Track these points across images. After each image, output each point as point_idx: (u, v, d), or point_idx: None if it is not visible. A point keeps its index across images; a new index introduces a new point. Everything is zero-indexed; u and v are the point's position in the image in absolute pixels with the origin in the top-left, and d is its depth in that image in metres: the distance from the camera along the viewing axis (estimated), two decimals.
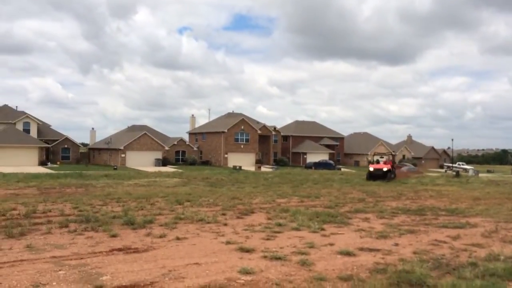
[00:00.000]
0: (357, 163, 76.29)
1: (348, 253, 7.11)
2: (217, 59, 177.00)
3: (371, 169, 30.81)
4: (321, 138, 77.28)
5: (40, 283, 5.29)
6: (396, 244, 8.03)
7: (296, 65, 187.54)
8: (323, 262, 6.60)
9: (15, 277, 5.52)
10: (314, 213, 11.62)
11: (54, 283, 5.31)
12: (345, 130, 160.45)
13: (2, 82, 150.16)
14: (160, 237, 8.26)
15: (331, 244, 7.86)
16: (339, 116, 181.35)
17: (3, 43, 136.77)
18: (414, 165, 67.30)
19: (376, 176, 29.30)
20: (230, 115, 73.15)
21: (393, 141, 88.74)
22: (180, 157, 64.61)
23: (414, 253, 7.32)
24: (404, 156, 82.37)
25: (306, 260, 6.55)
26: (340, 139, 79.81)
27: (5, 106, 61.15)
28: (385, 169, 30.10)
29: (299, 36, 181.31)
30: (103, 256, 6.78)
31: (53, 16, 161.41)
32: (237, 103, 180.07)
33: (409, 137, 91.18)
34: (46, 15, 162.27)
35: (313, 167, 58.82)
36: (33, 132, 57.09)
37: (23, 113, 59.04)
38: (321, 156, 70.23)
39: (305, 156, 71.40)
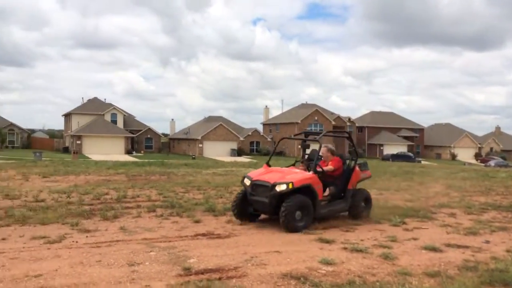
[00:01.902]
0: (438, 156, 72.55)
1: (434, 249, 6.82)
2: (290, 49, 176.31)
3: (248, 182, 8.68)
4: (399, 129, 74.41)
5: (134, 262, 5.71)
6: (487, 241, 7.55)
7: (373, 53, 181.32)
8: (407, 256, 6.40)
9: (112, 255, 6.00)
10: (394, 206, 11.26)
11: (147, 263, 5.69)
12: (425, 121, 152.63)
13: (91, 76, 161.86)
14: (240, 224, 8.50)
15: (415, 239, 7.59)
16: (418, 106, 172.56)
17: (91, 39, 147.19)
18: (504, 158, 62.55)
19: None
20: (303, 106, 72.79)
21: (480, 133, 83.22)
22: (255, 147, 65.59)
23: (508, 251, 6.85)
24: (491, 148, 76.87)
25: (389, 254, 6.39)
26: (420, 130, 76.28)
27: (95, 98, 65.91)
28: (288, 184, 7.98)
29: (376, 23, 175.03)
30: (189, 240, 7.13)
31: (135, 12, 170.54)
32: (310, 94, 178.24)
33: (498, 128, 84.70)
34: (129, 11, 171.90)
35: (390, 159, 56.90)
36: (120, 123, 61.01)
37: (111, 105, 63.27)
38: (399, 148, 67.69)
39: (381, 148, 69.28)
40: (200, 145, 59.60)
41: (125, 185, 15.76)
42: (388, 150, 66.30)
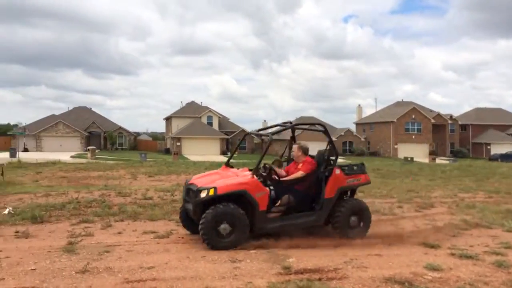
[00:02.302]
0: None
1: None
2: (384, 45, 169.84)
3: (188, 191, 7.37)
4: (508, 126, 67.95)
5: (236, 259, 5.93)
6: None
7: (476, 46, 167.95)
8: None
9: (215, 252, 6.27)
10: (507, 210, 10.34)
11: (248, 260, 5.88)
12: None
13: (188, 81, 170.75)
14: None
15: None
16: None
17: (188, 46, 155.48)
18: None
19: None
20: (399, 103, 69.65)
21: None
22: (348, 148, 64.24)
23: None
24: None
25: (503, 262, 5.88)
26: None
27: (193, 102, 69.43)
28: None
29: (478, 13, 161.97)
30: (284, 239, 7.18)
31: (227, 17, 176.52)
32: (406, 91, 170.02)
33: None
34: (221, 17, 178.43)
35: (499, 159, 52.20)
36: (215, 125, 63.58)
37: (207, 108, 66.18)
38: (509, 147, 61.74)
39: (488, 147, 63.82)
40: None
41: None
42: (496, 149, 60.83)
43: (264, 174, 7.12)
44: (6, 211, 9.37)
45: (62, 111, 71.36)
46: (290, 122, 7.92)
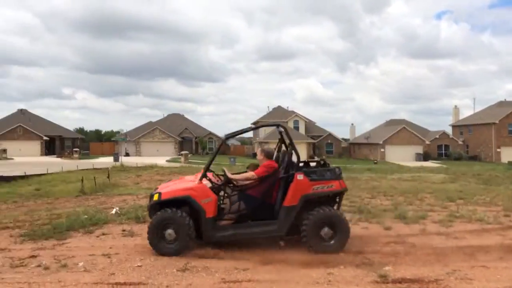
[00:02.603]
0: None
1: None
2: (483, 41, 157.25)
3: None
4: None
5: (330, 264, 5.87)
6: None
7: None
8: None
9: (312, 255, 6.26)
10: None
11: (342, 266, 5.80)
12: None
13: (274, 86, 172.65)
14: (437, 234, 7.94)
15: None
16: None
17: (273, 51, 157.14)
18: None
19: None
20: (502, 103, 63.99)
21: None
22: (443, 151, 60.53)
23: None
24: None
25: None
26: None
27: (279, 107, 70.16)
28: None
29: None
30: (380, 246, 6.97)
31: (312, 21, 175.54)
32: (509, 90, 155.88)
33: None
34: (306, 21, 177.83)
35: None
36: (302, 129, 63.60)
37: (293, 112, 66.46)
38: None
39: None
40: (382, 150, 57.85)
41: None
42: None
43: (211, 180, 6.81)
44: (113, 211, 10.22)
45: (158, 118, 76.14)
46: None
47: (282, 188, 6.62)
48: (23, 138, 56.63)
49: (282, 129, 7.04)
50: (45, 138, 57.87)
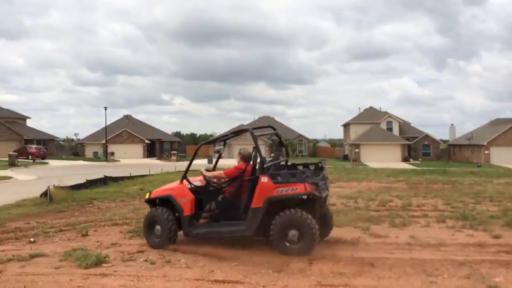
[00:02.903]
0: None
1: None
2: None
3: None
4: None
5: (432, 272, 5.59)
6: None
7: None
8: None
9: (406, 262, 6.01)
10: None
11: (445, 275, 5.49)
12: None
13: (365, 86, 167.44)
14: None
15: None
16: None
17: (364, 50, 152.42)
18: None
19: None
20: None
21: None
22: None
23: None
24: None
25: None
26: None
27: (371, 107, 68.04)
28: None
29: None
30: (489, 255, 6.47)
31: (407, 17, 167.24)
32: None
33: None
34: (400, 17, 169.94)
35: None
36: (395, 130, 61.01)
37: (386, 113, 64.01)
38: None
39: None
40: (486, 152, 53.35)
41: (407, 193, 15.59)
42: None
43: (190, 182, 7.33)
44: None
45: (248, 121, 77.93)
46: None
47: (249, 190, 6.78)
48: (128, 141, 61.44)
49: (250, 132, 7.29)
50: (146, 141, 62.20)
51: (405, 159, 54.45)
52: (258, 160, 7.02)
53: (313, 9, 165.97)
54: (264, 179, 6.60)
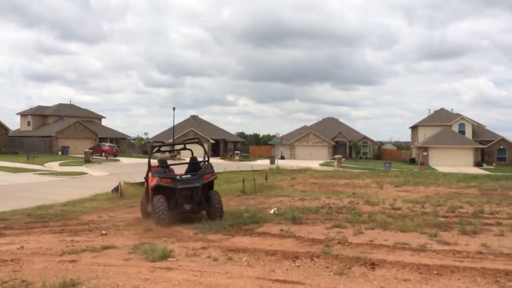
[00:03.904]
0: None
1: None
2: None
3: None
4: None
5: (504, 284, 5.24)
6: None
7: None
8: None
9: (475, 272, 5.69)
10: None
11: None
12: None
13: (436, 87, 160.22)
14: None
15: None
16: None
17: (437, 49, 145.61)
18: None
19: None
20: None
21: None
22: None
23: None
24: None
25: None
26: None
27: (442, 109, 64.85)
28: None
29: None
30: None
31: (485, 14, 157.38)
32: None
33: None
34: (478, 14, 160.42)
35: None
36: (468, 133, 57.70)
37: (458, 115, 60.73)
38: None
39: None
40: None
41: (479, 199, 14.72)
42: None
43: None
44: (272, 211, 10.76)
45: (312, 122, 77.41)
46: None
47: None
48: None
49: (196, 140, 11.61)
50: (211, 141, 63.74)
51: (477, 164, 51.32)
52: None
53: (383, 8, 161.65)
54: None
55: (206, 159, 10.81)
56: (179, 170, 11.17)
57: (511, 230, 8.70)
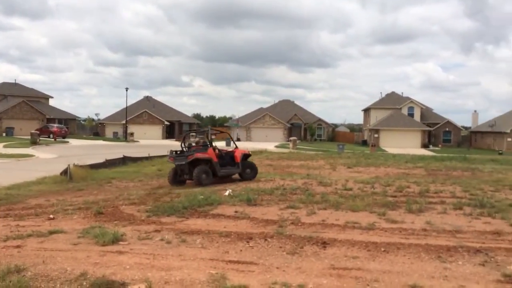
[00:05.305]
0: None
1: None
2: None
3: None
4: None
5: (446, 259, 5.55)
6: None
7: None
8: None
9: (422, 248, 5.97)
10: None
11: (460, 262, 5.47)
12: None
13: (388, 71, 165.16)
14: None
15: None
16: None
17: (389, 33, 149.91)
18: None
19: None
20: None
21: None
22: None
23: None
24: None
25: None
26: None
27: (393, 93, 66.88)
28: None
29: None
30: (506, 244, 6.37)
31: (436, 0, 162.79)
32: None
33: None
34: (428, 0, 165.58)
35: None
36: (417, 116, 60.01)
37: (408, 98, 62.92)
38: None
39: None
40: (509, 139, 52.15)
41: (425, 179, 15.40)
42: None
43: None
44: (226, 193, 10.77)
45: (268, 105, 77.69)
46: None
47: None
48: (148, 122, 62.07)
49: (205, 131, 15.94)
50: (166, 122, 62.72)
51: (425, 146, 53.68)
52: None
53: None
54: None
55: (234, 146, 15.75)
56: None
57: (454, 208, 9.17)
